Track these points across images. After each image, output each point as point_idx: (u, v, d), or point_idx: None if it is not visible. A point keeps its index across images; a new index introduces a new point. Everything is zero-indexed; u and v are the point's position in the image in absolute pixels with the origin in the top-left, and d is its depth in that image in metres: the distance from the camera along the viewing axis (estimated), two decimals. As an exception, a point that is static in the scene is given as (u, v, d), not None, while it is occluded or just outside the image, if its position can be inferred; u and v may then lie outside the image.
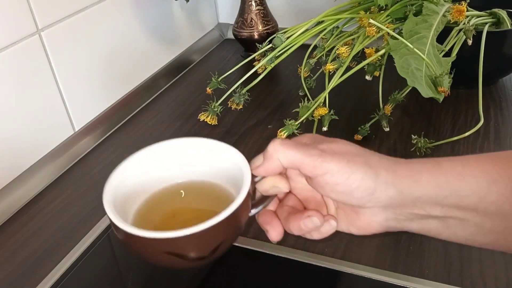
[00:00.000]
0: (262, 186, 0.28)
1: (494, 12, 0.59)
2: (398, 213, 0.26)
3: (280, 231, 0.28)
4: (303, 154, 0.26)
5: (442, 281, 0.38)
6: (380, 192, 0.26)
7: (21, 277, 0.41)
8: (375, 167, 0.26)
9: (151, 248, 0.26)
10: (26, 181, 0.51)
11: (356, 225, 0.28)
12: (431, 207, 0.25)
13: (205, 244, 0.26)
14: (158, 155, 0.31)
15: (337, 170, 0.26)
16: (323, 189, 0.27)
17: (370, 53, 0.53)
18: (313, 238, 0.28)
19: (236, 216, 0.26)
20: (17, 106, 0.50)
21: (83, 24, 0.57)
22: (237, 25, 0.77)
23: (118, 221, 0.26)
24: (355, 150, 0.27)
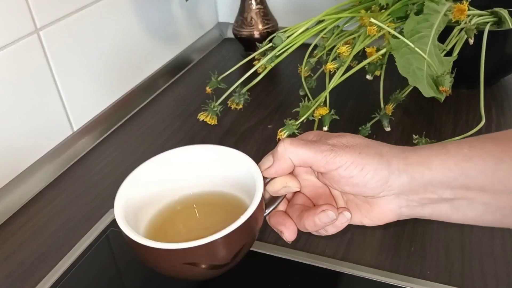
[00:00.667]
0: (272, 187, 0.28)
1: (496, 11, 0.59)
2: (411, 199, 0.27)
3: (294, 230, 0.28)
4: (314, 151, 0.27)
5: (443, 282, 0.37)
6: (393, 180, 0.26)
7: (20, 277, 0.41)
8: (386, 156, 0.27)
9: (171, 260, 0.25)
10: (25, 181, 0.51)
11: (369, 216, 0.28)
12: (442, 190, 0.26)
13: (226, 251, 0.26)
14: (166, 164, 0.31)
15: (350, 163, 0.26)
16: (338, 183, 0.27)
17: (371, 52, 0.53)
18: (327, 233, 0.28)
19: (253, 220, 0.26)
20: (15, 106, 0.50)
21: (82, 23, 0.57)
22: (237, 24, 0.77)
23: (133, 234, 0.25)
24: (365, 142, 0.28)
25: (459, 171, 0.26)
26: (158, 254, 0.25)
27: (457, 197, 0.26)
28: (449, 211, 0.27)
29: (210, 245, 0.24)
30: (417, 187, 0.26)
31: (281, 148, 0.27)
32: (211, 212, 0.31)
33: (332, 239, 0.42)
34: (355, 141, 0.28)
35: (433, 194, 0.27)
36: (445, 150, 0.26)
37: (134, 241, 0.25)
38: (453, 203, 0.27)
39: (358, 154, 0.26)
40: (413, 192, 0.27)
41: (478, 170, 0.25)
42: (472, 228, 0.42)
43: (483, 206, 0.26)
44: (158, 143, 0.59)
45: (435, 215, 0.28)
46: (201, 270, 0.26)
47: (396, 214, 0.28)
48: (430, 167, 0.26)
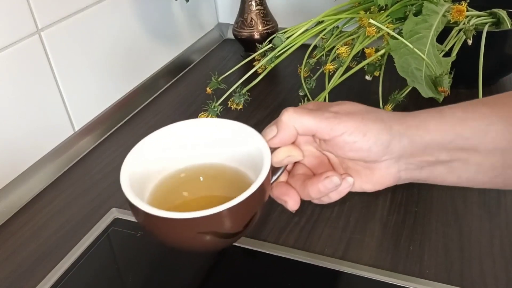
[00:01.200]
0: (276, 157, 0.29)
1: (494, 12, 0.59)
2: (410, 163, 0.28)
3: (298, 200, 0.29)
4: (319, 118, 0.27)
5: (442, 281, 0.38)
6: (395, 144, 0.27)
7: (20, 277, 0.41)
8: (387, 121, 0.28)
9: (184, 230, 0.25)
10: (26, 181, 0.51)
11: (370, 181, 0.29)
12: (439, 152, 0.28)
13: (240, 218, 0.26)
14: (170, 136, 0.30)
15: (354, 129, 0.27)
16: (342, 149, 0.28)
17: (370, 53, 0.53)
18: (330, 200, 0.29)
19: (264, 187, 0.26)
20: (16, 106, 0.50)
21: (83, 24, 0.57)
22: (237, 25, 0.77)
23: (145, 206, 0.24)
24: (365, 108, 0.29)
25: (454, 133, 0.27)
26: (172, 224, 0.24)
27: (452, 159, 0.28)
28: (445, 173, 0.28)
29: (226, 212, 0.24)
30: (416, 150, 0.28)
31: (285, 117, 0.27)
32: (217, 182, 0.31)
33: (332, 238, 0.42)
34: (357, 107, 0.29)
35: (431, 157, 0.28)
36: (440, 114, 0.28)
37: (146, 212, 0.24)
38: (449, 165, 0.28)
39: (361, 120, 0.27)
40: (412, 155, 0.28)
41: (471, 132, 0.27)
42: (471, 227, 0.42)
43: (476, 166, 0.27)
44: (159, 143, 0.59)
45: (432, 177, 0.29)
46: (214, 240, 0.26)
47: (395, 177, 0.29)
48: (428, 130, 0.27)
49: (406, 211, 0.45)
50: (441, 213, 0.44)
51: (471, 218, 0.43)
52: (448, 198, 0.46)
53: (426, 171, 0.29)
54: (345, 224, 0.44)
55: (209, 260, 0.42)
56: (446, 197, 0.46)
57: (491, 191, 0.46)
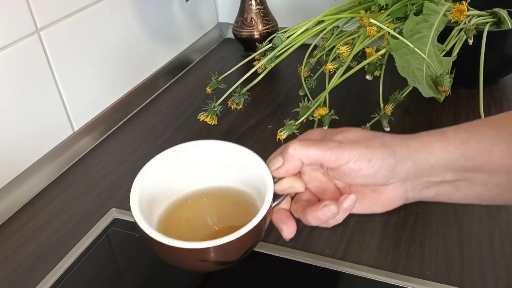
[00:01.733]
0: (279, 187, 0.30)
1: (495, 11, 0.59)
2: (416, 183, 0.29)
3: (294, 229, 0.30)
4: (323, 149, 0.28)
5: (443, 282, 0.38)
6: (400, 167, 0.28)
7: (20, 277, 0.41)
8: (390, 146, 0.28)
9: (186, 257, 0.27)
10: (25, 181, 0.51)
11: (379, 204, 0.30)
12: (444, 172, 0.28)
13: (238, 250, 0.28)
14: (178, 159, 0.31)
15: (358, 156, 0.28)
16: (349, 177, 0.29)
17: (371, 52, 0.53)
18: (338, 222, 0.30)
19: (263, 221, 0.28)
20: (16, 106, 0.50)
21: (83, 24, 0.57)
22: (237, 25, 0.77)
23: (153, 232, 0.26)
24: (368, 135, 0.29)
25: (458, 154, 0.28)
26: (176, 252, 0.26)
27: (458, 179, 0.28)
28: (451, 191, 0.29)
29: (226, 245, 0.26)
30: (421, 172, 0.28)
31: (291, 149, 0.29)
32: (221, 206, 0.33)
33: (332, 238, 0.42)
34: (360, 134, 0.29)
35: (436, 177, 0.28)
36: (443, 135, 0.28)
37: (153, 239, 0.26)
38: (455, 184, 0.29)
39: (365, 147, 0.28)
40: (418, 177, 0.29)
41: (475, 152, 0.27)
42: (471, 227, 0.42)
43: (481, 185, 0.28)
44: (159, 143, 0.59)
45: (439, 196, 0.29)
46: (211, 266, 0.28)
47: (403, 198, 0.30)
48: (432, 152, 0.28)
49: (406, 212, 0.45)
50: (442, 214, 0.44)
51: (471, 219, 0.43)
52: (448, 198, 0.46)
53: (433, 191, 0.29)
54: (345, 224, 0.44)
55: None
56: (446, 197, 0.46)
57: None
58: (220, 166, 0.32)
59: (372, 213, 0.31)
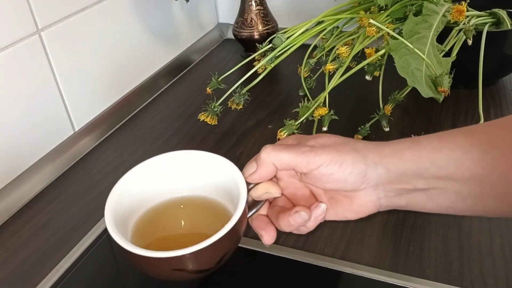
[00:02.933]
0: (255, 193, 0.30)
1: (494, 12, 0.59)
2: (388, 190, 0.29)
3: (274, 235, 0.30)
4: (295, 153, 0.28)
5: (442, 281, 0.38)
6: (371, 172, 0.28)
7: (21, 277, 0.41)
8: (362, 151, 0.28)
9: (159, 266, 0.27)
10: (26, 181, 0.51)
11: (352, 210, 0.30)
12: (415, 180, 0.28)
13: (212, 257, 0.27)
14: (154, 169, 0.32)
15: (330, 160, 0.28)
16: (320, 181, 0.29)
17: (370, 53, 0.53)
18: (308, 229, 0.30)
19: (238, 226, 0.27)
20: (17, 106, 0.50)
21: (83, 24, 0.57)
22: (237, 25, 0.77)
23: (123, 242, 0.26)
24: (340, 140, 0.30)
25: (429, 162, 0.27)
26: (147, 261, 0.26)
27: (430, 187, 0.28)
28: (424, 200, 0.29)
29: (197, 253, 0.26)
30: (392, 178, 0.28)
31: (263, 154, 0.29)
32: (196, 216, 0.33)
33: (332, 238, 0.42)
34: (332, 140, 0.29)
35: (408, 185, 0.28)
36: (416, 143, 0.28)
37: (124, 248, 0.26)
38: (427, 192, 0.28)
39: (336, 152, 0.28)
40: (389, 183, 0.29)
41: (447, 160, 0.27)
42: (471, 227, 0.42)
43: (454, 194, 0.28)
44: (159, 143, 0.59)
45: (411, 204, 0.29)
46: (187, 275, 0.27)
47: (376, 205, 0.30)
48: (403, 159, 0.28)
49: (406, 211, 0.44)
50: (441, 214, 0.44)
51: (471, 218, 0.43)
52: (448, 198, 0.46)
53: (405, 198, 0.29)
54: (345, 224, 0.44)
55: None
56: (446, 197, 0.46)
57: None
58: (197, 175, 0.32)
59: (345, 219, 0.31)
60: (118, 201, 0.30)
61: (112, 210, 0.29)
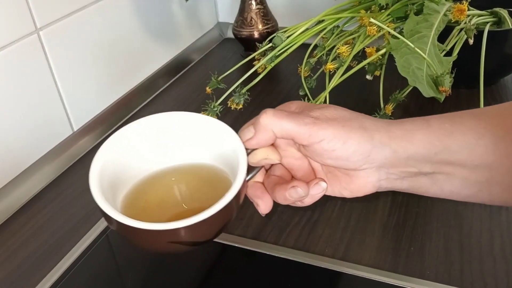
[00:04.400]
0: (253, 158, 0.28)
1: (495, 11, 0.59)
2: (391, 173, 0.27)
3: (270, 205, 0.28)
4: (297, 123, 0.26)
5: (443, 282, 0.37)
6: (376, 154, 0.26)
7: (20, 277, 0.41)
8: (369, 130, 0.26)
9: (154, 239, 0.25)
10: (25, 181, 0.51)
11: (349, 188, 0.28)
12: (422, 164, 0.26)
13: (210, 229, 0.25)
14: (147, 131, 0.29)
15: (333, 136, 0.26)
16: (320, 156, 0.27)
17: (371, 52, 0.53)
18: (304, 204, 0.28)
19: (237, 197, 0.25)
20: (15, 106, 0.50)
21: (82, 23, 0.57)
22: (237, 24, 0.77)
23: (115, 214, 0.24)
24: (348, 115, 0.27)
25: (441, 146, 0.26)
26: (142, 234, 0.24)
27: (436, 171, 0.27)
28: (427, 184, 0.27)
29: (196, 225, 0.24)
30: (398, 161, 0.27)
31: (263, 119, 0.27)
32: (192, 183, 0.30)
33: (332, 238, 0.42)
34: (339, 113, 0.27)
35: (413, 168, 0.27)
36: (427, 124, 0.26)
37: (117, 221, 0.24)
38: (432, 177, 0.27)
39: (341, 127, 0.26)
40: (394, 166, 0.27)
41: (459, 145, 0.26)
42: (471, 228, 0.42)
43: (460, 180, 0.26)
44: (158, 143, 0.59)
45: (413, 188, 0.28)
46: (183, 247, 0.26)
47: (375, 186, 0.28)
48: (412, 142, 0.26)
49: (406, 212, 0.44)
50: (442, 214, 0.44)
51: (471, 219, 0.43)
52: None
53: (408, 182, 0.28)
54: (345, 224, 0.44)
55: (209, 260, 0.42)
56: (446, 197, 0.46)
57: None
58: (191, 140, 0.29)
59: (340, 196, 0.29)
60: (102, 171, 0.26)
61: (97, 180, 0.26)
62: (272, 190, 0.28)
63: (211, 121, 0.29)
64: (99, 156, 0.27)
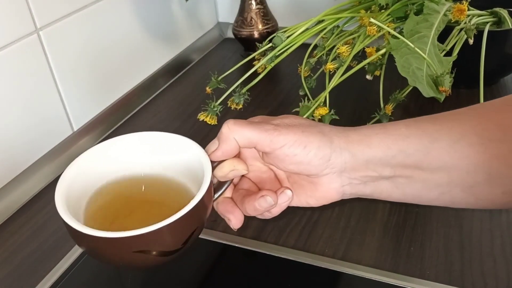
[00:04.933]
0: (221, 171, 0.29)
1: (495, 11, 0.59)
2: (353, 177, 0.28)
3: (241, 219, 0.29)
4: (259, 130, 0.27)
5: (443, 282, 0.37)
6: (335, 157, 0.27)
7: (20, 278, 0.41)
8: (328, 135, 0.28)
9: (118, 249, 0.24)
10: (24, 181, 0.51)
11: (314, 196, 0.29)
12: (381, 168, 0.27)
13: (176, 237, 0.25)
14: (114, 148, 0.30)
15: (294, 141, 0.27)
16: (282, 162, 0.28)
17: (371, 52, 0.53)
18: (272, 215, 0.29)
19: (202, 204, 0.26)
20: (15, 106, 0.50)
21: (82, 23, 0.57)
22: (237, 24, 0.77)
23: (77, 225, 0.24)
24: (307, 122, 0.29)
25: (397, 149, 0.27)
26: (105, 244, 0.23)
27: (396, 175, 0.27)
28: (389, 189, 0.28)
29: (160, 231, 0.23)
30: (358, 165, 0.27)
31: (225, 129, 0.28)
32: (159, 196, 0.30)
33: (332, 238, 0.42)
34: (298, 121, 0.28)
35: (374, 172, 0.27)
36: (384, 129, 0.27)
37: (78, 231, 0.24)
38: (393, 181, 0.28)
39: (301, 133, 0.27)
40: (354, 170, 0.28)
41: (414, 148, 0.26)
42: (471, 227, 0.42)
43: (421, 183, 0.27)
44: (158, 143, 0.59)
45: (377, 193, 0.29)
46: (151, 258, 0.25)
47: (339, 192, 0.29)
48: (370, 146, 0.27)
49: (406, 212, 0.44)
50: (442, 214, 0.44)
51: (472, 219, 0.43)
52: (449, 198, 0.46)
53: (371, 186, 0.28)
54: (345, 224, 0.44)
55: (209, 260, 0.42)
56: (447, 197, 0.46)
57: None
58: (159, 156, 0.30)
59: (308, 206, 0.30)
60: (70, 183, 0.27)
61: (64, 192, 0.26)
62: (241, 202, 0.29)
63: (179, 138, 0.30)
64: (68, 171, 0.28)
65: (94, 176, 0.29)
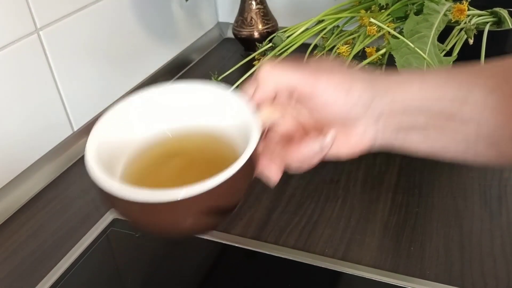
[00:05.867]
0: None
1: (495, 11, 0.59)
2: (387, 125, 0.27)
3: (279, 173, 0.27)
4: (300, 73, 0.25)
5: (443, 282, 0.37)
6: (377, 102, 0.26)
7: (20, 277, 0.41)
8: (370, 79, 0.27)
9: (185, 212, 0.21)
10: (24, 181, 0.51)
11: (346, 146, 0.28)
12: (417, 115, 0.27)
13: (239, 188, 0.23)
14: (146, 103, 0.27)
15: (337, 84, 0.25)
16: (323, 107, 0.26)
17: (371, 52, 0.53)
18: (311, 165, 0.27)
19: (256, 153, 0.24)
20: (15, 105, 0.50)
21: (82, 23, 0.57)
22: (237, 24, 0.77)
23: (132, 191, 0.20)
24: (345, 68, 0.27)
25: (434, 97, 0.26)
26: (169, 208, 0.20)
27: (428, 125, 0.27)
28: (419, 140, 0.28)
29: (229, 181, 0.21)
30: (396, 110, 0.27)
31: (263, 72, 0.26)
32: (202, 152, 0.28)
33: (332, 238, 0.42)
34: (336, 65, 0.27)
35: (409, 119, 0.27)
36: (424, 76, 0.27)
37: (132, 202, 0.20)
38: (424, 131, 0.27)
39: (344, 76, 0.26)
40: (391, 116, 0.27)
41: (452, 96, 0.26)
42: (471, 228, 0.42)
43: (450, 134, 0.27)
44: (158, 143, 0.59)
45: (406, 144, 0.28)
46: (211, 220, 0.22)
47: (371, 141, 0.28)
48: (410, 90, 0.27)
49: (407, 212, 0.44)
50: (442, 214, 0.44)
51: (472, 219, 0.43)
52: (449, 198, 0.46)
53: (402, 136, 0.28)
54: (345, 224, 0.44)
55: (209, 260, 0.42)
56: (447, 197, 0.46)
57: (492, 191, 0.46)
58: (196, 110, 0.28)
59: (337, 158, 0.28)
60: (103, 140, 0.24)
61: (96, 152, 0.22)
62: (284, 150, 0.27)
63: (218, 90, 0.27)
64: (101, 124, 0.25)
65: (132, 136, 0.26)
